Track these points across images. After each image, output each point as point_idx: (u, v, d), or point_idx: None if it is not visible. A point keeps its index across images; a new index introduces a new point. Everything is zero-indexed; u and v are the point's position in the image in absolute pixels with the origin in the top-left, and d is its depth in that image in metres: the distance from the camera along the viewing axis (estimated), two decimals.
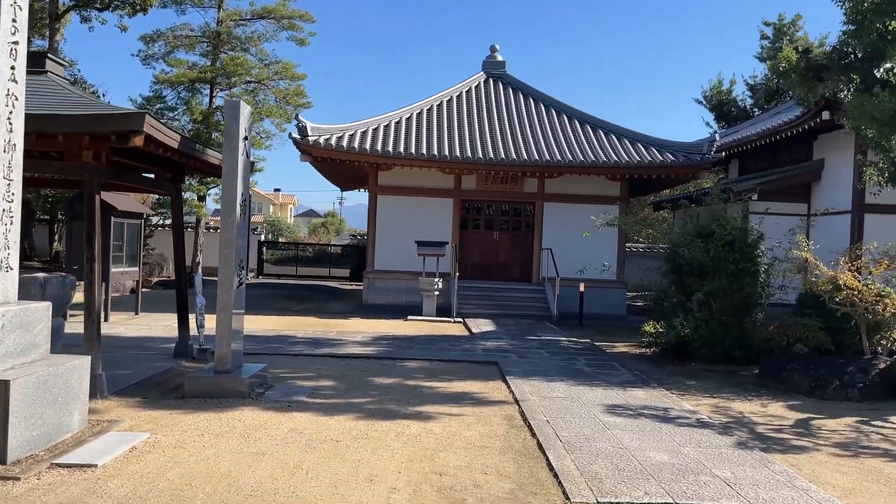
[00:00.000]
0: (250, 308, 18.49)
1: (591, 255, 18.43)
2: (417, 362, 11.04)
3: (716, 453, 6.49)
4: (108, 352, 10.71)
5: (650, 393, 9.17)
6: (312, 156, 18.39)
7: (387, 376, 9.79)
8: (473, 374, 10.23)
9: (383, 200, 19.90)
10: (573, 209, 19.48)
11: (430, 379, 9.75)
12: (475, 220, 20.61)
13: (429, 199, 19.94)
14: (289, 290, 24.78)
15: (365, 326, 15.24)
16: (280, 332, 13.68)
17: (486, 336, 14.21)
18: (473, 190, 20.06)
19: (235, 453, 6.04)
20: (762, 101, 31.38)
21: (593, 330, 16.40)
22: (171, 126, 25.89)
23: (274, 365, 10.21)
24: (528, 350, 12.47)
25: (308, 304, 20.21)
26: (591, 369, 10.80)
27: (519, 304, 18.38)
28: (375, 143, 18.73)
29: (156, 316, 15.64)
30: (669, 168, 18.80)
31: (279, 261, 31.01)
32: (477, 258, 20.42)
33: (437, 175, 19.70)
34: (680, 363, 11.78)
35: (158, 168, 9.69)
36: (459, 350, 12.26)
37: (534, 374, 10.14)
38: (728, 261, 11.59)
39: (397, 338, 13.43)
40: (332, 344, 12.33)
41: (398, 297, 19.48)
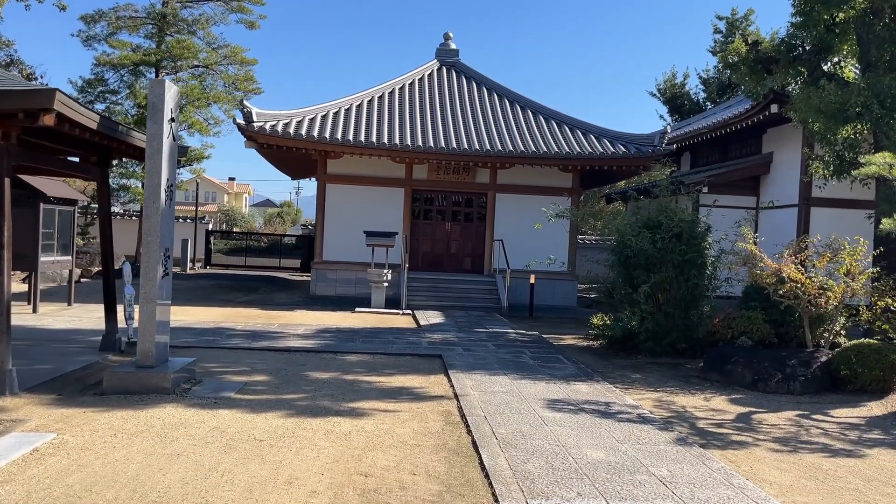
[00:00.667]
0: (192, 299, 18.05)
1: (543, 247, 18.30)
2: (359, 356, 10.71)
3: (654, 450, 6.31)
4: (29, 345, 10.18)
5: (593, 387, 8.99)
6: (258, 142, 17.84)
7: (325, 371, 9.44)
8: (415, 368, 9.93)
9: (332, 189, 19.44)
10: (525, 200, 19.30)
11: (369, 373, 9.43)
12: (427, 210, 20.29)
13: (379, 188, 19.56)
14: (236, 280, 24.20)
15: (310, 319, 14.83)
16: (219, 324, 13.20)
17: (434, 328, 13.93)
18: (425, 180, 19.73)
19: (148, 455, 5.65)
20: (715, 94, 31.66)
21: (543, 322, 16.25)
22: (114, 111, 25.09)
23: (206, 359, 9.79)
24: (474, 343, 12.23)
25: (254, 295, 19.68)
26: (537, 362, 10.60)
27: (470, 296, 18.15)
28: (324, 130, 18.25)
29: (89, 307, 14.99)
30: (621, 160, 18.73)
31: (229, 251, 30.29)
32: (428, 249, 20.12)
33: (388, 164, 19.32)
34: (626, 356, 11.66)
35: (82, 151, 9.15)
36: (404, 343, 11.96)
37: (477, 368, 9.89)
38: (675, 252, 11.50)
39: (341, 330, 13.07)
40: (272, 337, 11.91)
41: (348, 289, 19.09)
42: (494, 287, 18.52)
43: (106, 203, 9.76)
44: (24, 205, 13.40)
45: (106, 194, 9.77)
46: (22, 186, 13.40)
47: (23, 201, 13.42)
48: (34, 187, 13.31)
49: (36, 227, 13.38)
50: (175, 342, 10.88)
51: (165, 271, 7.97)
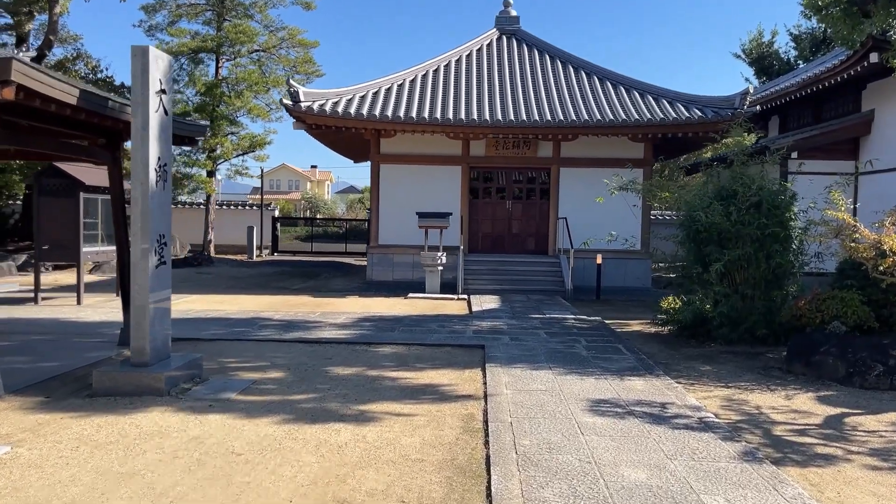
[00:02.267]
0: (247, 288, 17.61)
1: (611, 224, 16.89)
2: (393, 347, 9.78)
3: (712, 469, 5.07)
4: (49, 339, 9.74)
5: (651, 383, 7.73)
6: (306, 123, 17.14)
7: (349, 365, 8.55)
8: (451, 362, 8.92)
9: (387, 170, 18.58)
10: (592, 175, 17.85)
11: (397, 368, 8.47)
12: (486, 188, 19.15)
13: (435, 167, 18.55)
14: (299, 267, 23.82)
15: (357, 306, 14.04)
16: (259, 313, 12.56)
17: (486, 315, 12.86)
18: (483, 156, 18.59)
19: (99, 474, 4.86)
20: (807, 52, 28.97)
21: (610, 306, 14.93)
22: (176, 100, 24.99)
23: (227, 353, 9.08)
24: (524, 331, 11.10)
25: (311, 281, 19.12)
26: (590, 353, 9.39)
27: (532, 279, 16.96)
28: (375, 107, 17.37)
29: None
30: (697, 125, 17.03)
31: (297, 238, 30.05)
32: (488, 229, 19.00)
33: (444, 141, 18.28)
34: (697, 344, 10.29)
35: (87, 133, 8.52)
36: (447, 332, 10.95)
37: (520, 361, 8.78)
38: (753, 225, 9.99)
39: (385, 319, 12.18)
40: (307, 327, 11.14)
41: (405, 274, 18.25)
42: (559, 269, 17.26)
43: (118, 188, 9.14)
44: (62, 194, 13.13)
45: (117, 178, 9.14)
46: (61, 176, 13.12)
47: (62, 191, 13.14)
48: (73, 176, 12.98)
49: (76, 217, 13.05)
50: (203, 335, 10.29)
51: (161, 260, 7.21)
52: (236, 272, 21.64)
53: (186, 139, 9.55)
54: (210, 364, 8.44)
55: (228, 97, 23.84)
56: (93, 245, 13.99)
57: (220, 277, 19.83)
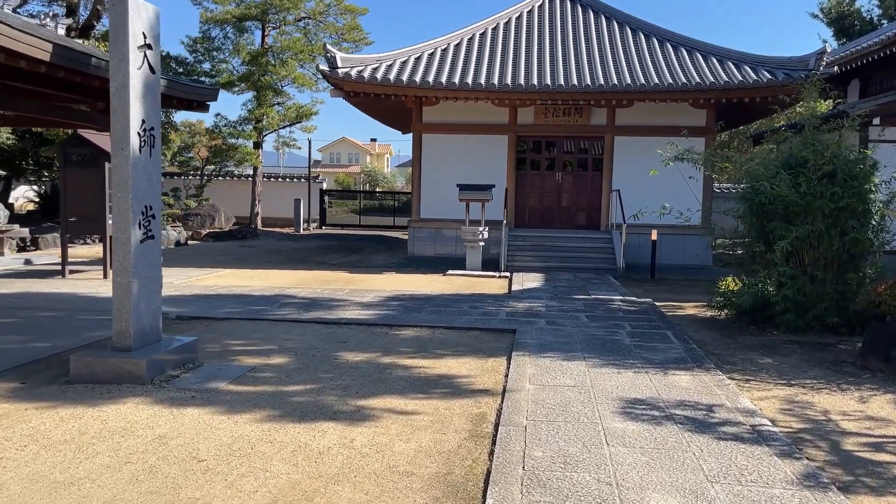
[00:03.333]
0: (285, 262, 17.06)
1: (669, 197, 15.65)
2: (416, 330, 8.98)
3: (762, 497, 4.10)
4: (55, 317, 9.29)
5: (699, 379, 6.72)
6: (344, 90, 16.37)
7: (363, 351, 7.79)
8: (475, 348, 8.06)
9: (429, 140, 17.70)
10: (649, 144, 16.58)
11: (414, 355, 7.67)
12: (534, 159, 18.08)
13: (480, 136, 17.58)
14: (344, 241, 23.30)
15: (391, 283, 13.30)
16: (284, 290, 11.94)
17: (525, 295, 11.94)
18: (531, 125, 17.51)
19: (34, 481, 4.21)
20: (892, 10, 26.59)
21: (664, 286, 13.80)
22: (219, 69, 24.62)
23: (236, 334, 8.45)
24: (564, 313, 10.14)
25: (352, 256, 18.51)
26: (634, 341, 8.39)
27: (581, 256, 15.90)
28: (416, 73, 16.46)
29: (170, 272, 14.29)
30: (766, 88, 15.54)
31: (346, 211, 29.54)
32: (535, 203, 17.97)
33: (490, 108, 17.27)
34: (758, 331, 9.17)
35: (86, 96, 7.92)
36: (479, 313, 10.08)
37: (552, 349, 7.86)
38: (825, 197, 8.76)
39: (415, 298, 11.38)
40: (330, 306, 10.43)
41: (447, 249, 17.42)
42: (610, 245, 16.13)
43: None
44: (88, 164, 12.72)
45: None
46: (85, 145, 12.70)
47: (87, 161, 12.74)
48: (97, 145, 12.54)
49: (102, 188, 12.63)
50: (217, 313, 9.71)
51: (147, 234, 6.55)
52: (279, 245, 21.21)
53: (195, 103, 8.87)
54: (213, 346, 7.82)
55: (273, 66, 23.27)
56: None
57: (260, 251, 19.40)
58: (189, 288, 11.96)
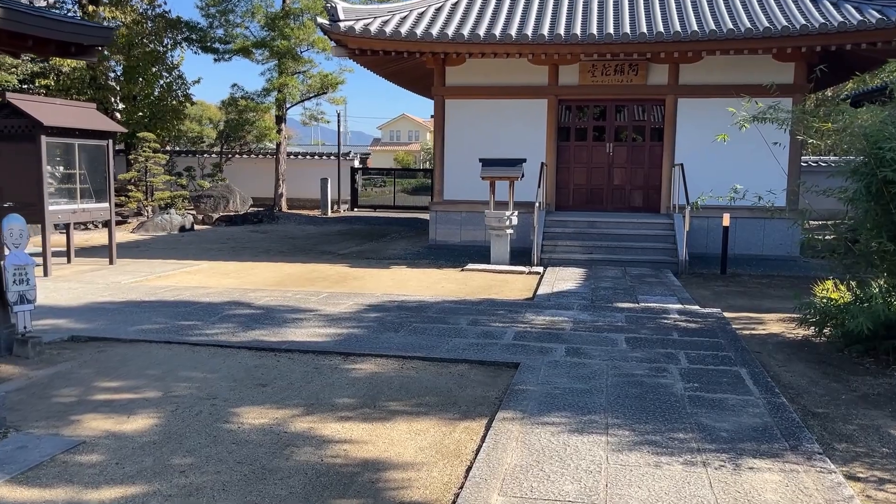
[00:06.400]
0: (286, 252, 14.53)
1: (745, 172, 12.59)
2: (378, 363, 6.38)
3: None
4: None
5: (795, 483, 3.90)
6: (348, 48, 13.76)
7: (279, 403, 5.26)
8: (449, 399, 5.42)
9: (454, 107, 14.96)
10: (721, 107, 13.40)
11: (351, 413, 5.09)
12: (579, 128, 15.12)
13: (514, 101, 14.72)
14: (370, 224, 20.88)
15: (389, 283, 10.74)
16: (247, 293, 9.51)
17: (552, 302, 9.17)
18: (576, 86, 14.53)
19: None
20: None
21: (737, 285, 10.81)
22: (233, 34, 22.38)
23: (122, 368, 6.07)
24: (597, 334, 7.36)
25: (368, 244, 16.03)
26: (690, 387, 5.58)
27: (633, 245, 12.96)
28: (434, 26, 13.71)
29: (139, 263, 12.11)
30: (875, 32, 12.16)
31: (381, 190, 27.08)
32: (581, 180, 15.03)
33: (526, 67, 14.39)
34: (879, 367, 6.24)
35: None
36: (477, 334, 7.39)
37: (562, 404, 5.16)
38: None
39: (404, 306, 8.75)
40: (282, 321, 7.92)
41: (474, 235, 14.73)
42: (671, 231, 13.12)
43: None
44: (19, 138, 10.55)
45: None
46: (17, 115, 10.51)
47: (20, 134, 10.57)
48: (29, 114, 10.31)
49: (39, 168, 10.45)
50: (129, 331, 7.38)
51: None
52: (294, 231, 18.92)
53: (73, 47, 6.42)
54: (69, 392, 5.48)
55: (291, 29, 20.85)
56: (69, 202, 11.41)
57: (268, 238, 17.13)
58: (131, 290, 9.67)
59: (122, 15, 21.12)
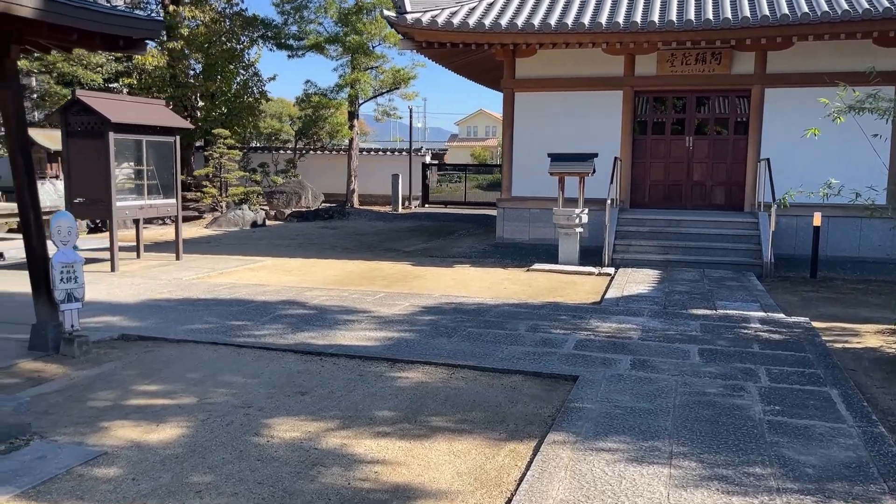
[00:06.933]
0: (352, 249, 14.32)
1: (838, 167, 11.58)
2: (425, 371, 5.99)
3: None
4: None
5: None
6: (415, 41, 13.42)
7: (315, 415, 4.94)
8: (497, 416, 4.97)
9: (523, 100, 14.42)
10: (812, 97, 12.39)
11: (389, 429, 4.71)
12: (656, 121, 14.32)
13: (587, 93, 14.06)
14: (439, 221, 20.56)
15: (450, 283, 10.35)
16: (302, 292, 9.29)
17: (620, 307, 8.57)
18: (653, 76, 13.75)
19: None
20: None
21: (829, 291, 9.90)
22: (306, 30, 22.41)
23: (163, 371, 5.88)
24: (667, 345, 6.74)
25: (434, 241, 15.71)
26: (770, 410, 4.94)
27: (714, 246, 12.13)
28: (504, 16, 13.21)
29: (203, 261, 12.12)
30: None
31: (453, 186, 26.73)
32: (658, 176, 14.24)
33: (600, 57, 13.72)
34: None
35: None
36: (536, 341, 6.89)
37: (621, 427, 4.63)
38: None
39: (461, 309, 8.33)
40: (332, 323, 7.62)
41: (545, 233, 14.16)
42: (756, 231, 12.22)
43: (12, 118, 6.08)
44: (92, 135, 10.67)
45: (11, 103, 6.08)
46: (88, 112, 10.62)
47: (91, 131, 10.68)
48: (100, 112, 10.41)
49: (107, 165, 10.54)
50: (178, 330, 7.21)
51: None
52: (363, 227, 18.78)
53: (120, 39, 6.27)
54: (113, 392, 5.36)
55: (363, 24, 20.72)
56: (137, 198, 11.50)
57: (335, 235, 17.03)
58: (190, 287, 9.61)
59: (201, 14, 21.45)
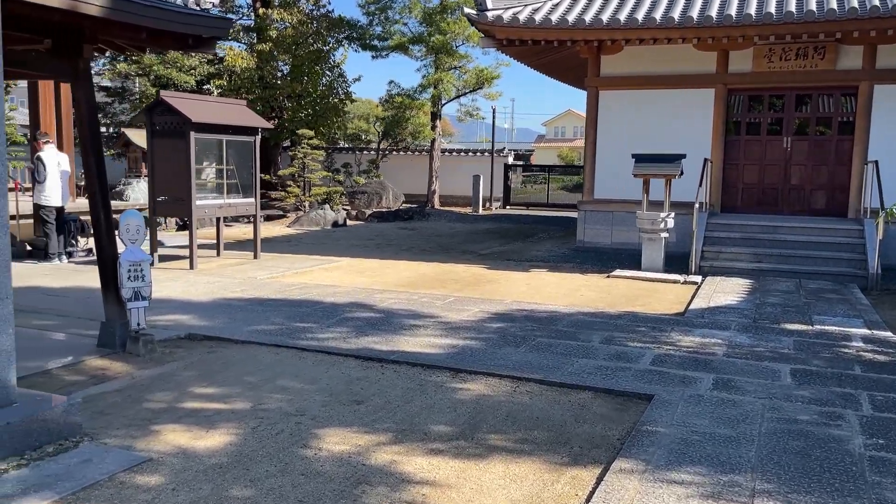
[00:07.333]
0: (427, 251, 14.18)
1: None
2: (488, 383, 5.67)
3: None
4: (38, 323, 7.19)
5: None
6: (496, 38, 13.10)
7: (369, 427, 4.71)
8: (560, 437, 4.60)
9: (608, 98, 13.88)
10: None
11: (443, 446, 4.43)
12: (751, 120, 13.48)
13: (676, 91, 13.40)
14: (519, 223, 20.18)
15: (523, 288, 9.98)
16: (372, 294, 9.14)
17: (706, 319, 7.99)
18: (748, 73, 12.95)
19: None
20: None
21: None
22: (391, 31, 22.41)
23: (223, 374, 5.80)
24: (755, 363, 6.18)
25: (512, 244, 15.35)
26: (872, 443, 4.37)
27: (813, 255, 11.28)
28: (587, 12, 12.72)
29: (281, 260, 12.18)
30: None
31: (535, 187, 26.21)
32: (752, 179, 13.40)
33: (690, 53, 13.03)
34: None
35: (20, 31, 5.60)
36: (609, 354, 6.45)
37: (697, 456, 4.18)
38: None
39: (533, 317, 7.96)
40: (398, 327, 7.41)
41: (627, 237, 13.58)
42: (861, 240, 11.29)
43: (88, 113, 6.14)
44: (175, 135, 10.87)
45: (87, 100, 6.13)
46: (171, 112, 10.83)
47: (174, 130, 10.89)
48: (182, 112, 10.59)
49: (188, 164, 10.71)
50: (245, 331, 7.18)
51: None
52: (442, 228, 18.60)
53: (190, 38, 6.24)
54: (170, 394, 5.30)
55: (447, 23, 20.56)
56: (216, 197, 11.66)
57: (413, 236, 16.91)
58: (263, 287, 9.62)
59: (289, 16, 21.81)
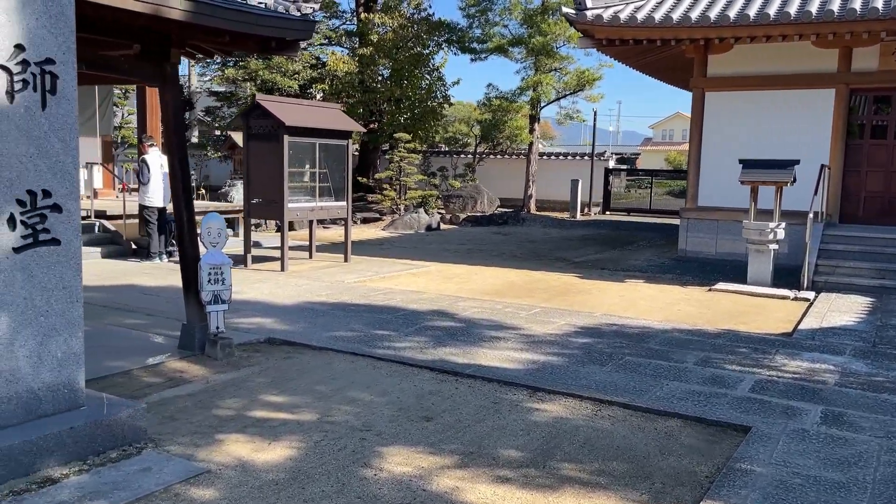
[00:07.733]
0: (519, 257, 13.91)
1: None
2: (568, 404, 5.29)
3: None
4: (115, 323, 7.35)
5: None
6: (595, 38, 12.59)
7: (434, 448, 4.46)
8: (640, 471, 4.19)
9: (715, 100, 13.08)
10: None
11: (511, 474, 4.11)
12: (876, 123, 12.37)
13: (789, 92, 12.46)
14: (618, 229, 19.50)
15: (616, 300, 9.48)
16: (456, 302, 8.89)
17: (816, 341, 7.28)
18: (874, 71, 11.88)
19: None
20: None
21: None
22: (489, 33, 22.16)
23: (296, 381, 5.71)
24: (872, 394, 5.50)
25: (609, 252, 14.77)
26: None
27: None
28: (694, 9, 12.03)
29: (371, 263, 12.15)
30: None
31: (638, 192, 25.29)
32: (876, 187, 12.29)
33: (807, 51, 12.10)
34: None
35: (108, 36, 5.70)
36: (703, 377, 5.92)
37: (799, 500, 3.69)
38: None
39: (623, 333, 7.49)
40: (478, 338, 7.13)
41: (734, 247, 12.76)
42: None
43: (173, 116, 6.19)
44: (270, 138, 11.02)
45: (173, 103, 6.18)
46: (266, 115, 10.99)
47: (268, 133, 11.05)
48: (276, 116, 10.71)
49: (281, 167, 10.83)
50: (323, 337, 7.08)
51: (34, 236, 3.99)
52: (536, 234, 18.18)
53: (273, 41, 6.19)
54: (240, 401, 5.25)
55: (547, 24, 20.12)
56: (309, 200, 11.74)
57: (507, 240, 16.59)
58: (348, 291, 9.57)
59: (390, 20, 21.99)
